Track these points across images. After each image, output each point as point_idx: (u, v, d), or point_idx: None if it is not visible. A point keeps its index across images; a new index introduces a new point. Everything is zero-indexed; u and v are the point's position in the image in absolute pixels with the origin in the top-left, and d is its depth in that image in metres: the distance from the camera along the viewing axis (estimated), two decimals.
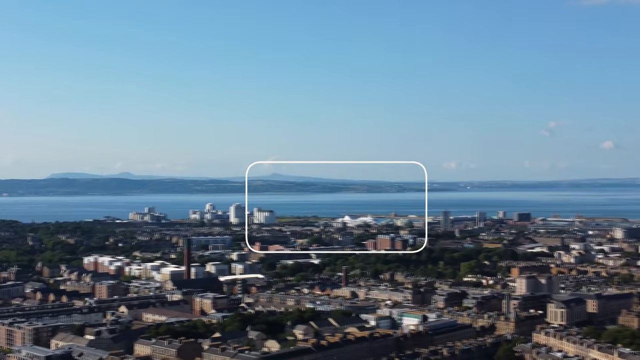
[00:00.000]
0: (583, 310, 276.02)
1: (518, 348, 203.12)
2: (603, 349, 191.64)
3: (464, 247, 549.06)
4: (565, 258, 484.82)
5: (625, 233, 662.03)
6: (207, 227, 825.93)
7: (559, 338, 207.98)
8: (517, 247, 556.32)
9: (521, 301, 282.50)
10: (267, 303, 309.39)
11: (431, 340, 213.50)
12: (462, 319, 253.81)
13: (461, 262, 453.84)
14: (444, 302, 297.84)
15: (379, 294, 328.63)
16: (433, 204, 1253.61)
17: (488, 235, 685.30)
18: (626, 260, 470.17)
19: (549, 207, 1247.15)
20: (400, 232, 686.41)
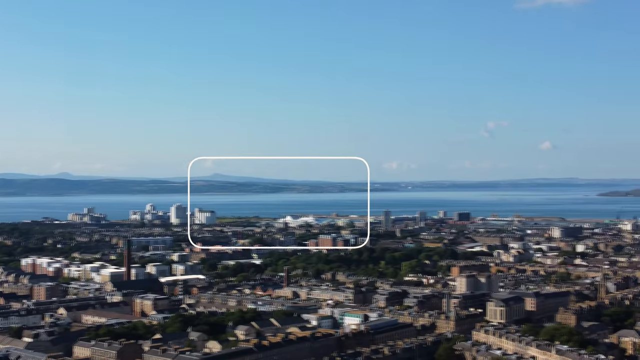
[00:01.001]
0: (522, 308, 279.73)
1: (458, 346, 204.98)
2: (541, 347, 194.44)
3: (405, 247, 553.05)
4: (505, 257, 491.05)
5: (562, 232, 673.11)
6: (147, 227, 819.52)
7: (498, 336, 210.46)
8: (457, 247, 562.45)
9: (461, 300, 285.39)
10: (208, 304, 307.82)
11: (372, 339, 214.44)
12: (403, 318, 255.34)
13: (402, 261, 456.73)
14: (385, 301, 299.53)
15: (321, 294, 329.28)
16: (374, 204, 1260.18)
17: (429, 234, 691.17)
18: (563, 259, 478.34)
19: (489, 207, 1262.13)
20: (341, 232, 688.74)
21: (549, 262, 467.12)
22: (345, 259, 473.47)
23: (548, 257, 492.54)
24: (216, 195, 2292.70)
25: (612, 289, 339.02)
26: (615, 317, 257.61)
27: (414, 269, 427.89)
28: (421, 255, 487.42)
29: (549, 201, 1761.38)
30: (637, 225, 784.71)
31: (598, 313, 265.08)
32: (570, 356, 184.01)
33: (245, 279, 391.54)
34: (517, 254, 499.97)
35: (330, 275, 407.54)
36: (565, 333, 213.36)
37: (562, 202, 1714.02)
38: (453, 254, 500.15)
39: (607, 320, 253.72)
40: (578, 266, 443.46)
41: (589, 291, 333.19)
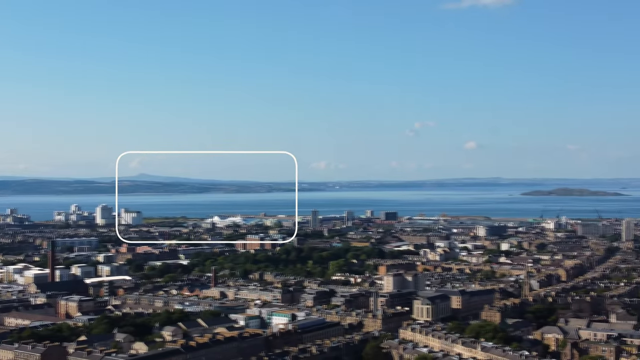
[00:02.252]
0: (448, 306, 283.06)
1: (385, 344, 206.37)
2: (467, 344, 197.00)
3: (333, 246, 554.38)
4: (431, 256, 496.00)
5: (487, 231, 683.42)
6: (72, 228, 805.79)
7: (425, 334, 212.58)
8: (384, 246, 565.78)
9: (388, 298, 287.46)
10: (134, 305, 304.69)
11: (300, 338, 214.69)
12: (331, 317, 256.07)
13: (330, 260, 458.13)
14: (312, 300, 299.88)
15: (249, 294, 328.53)
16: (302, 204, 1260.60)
17: (356, 234, 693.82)
18: (488, 257, 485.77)
19: (415, 206, 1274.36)
20: (269, 232, 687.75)
21: (474, 261, 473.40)
22: (273, 259, 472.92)
23: (473, 256, 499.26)
24: (142, 195, 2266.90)
25: (536, 287, 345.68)
26: (538, 314, 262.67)
27: (342, 268, 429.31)
28: (349, 254, 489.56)
29: (475, 200, 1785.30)
30: (559, 223, 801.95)
31: (522, 310, 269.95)
32: (495, 353, 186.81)
33: (172, 279, 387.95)
34: (443, 252, 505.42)
35: (258, 275, 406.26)
36: (490, 330, 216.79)
37: (487, 201, 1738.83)
38: (380, 253, 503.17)
39: (530, 317, 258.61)
40: (502, 264, 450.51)
41: (513, 289, 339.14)
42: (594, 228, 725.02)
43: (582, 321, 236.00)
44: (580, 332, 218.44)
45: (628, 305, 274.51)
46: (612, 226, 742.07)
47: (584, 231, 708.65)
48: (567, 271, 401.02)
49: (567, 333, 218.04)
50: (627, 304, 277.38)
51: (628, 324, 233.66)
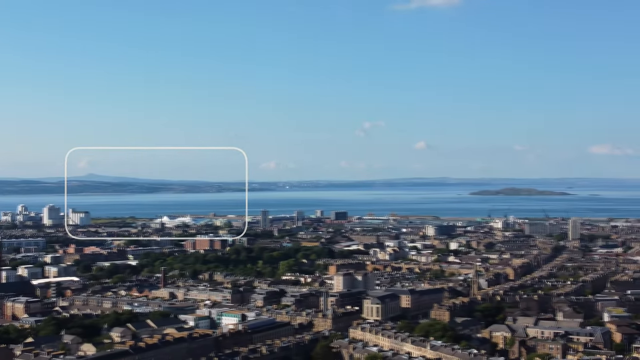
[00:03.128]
0: (397, 305, 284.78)
1: (335, 344, 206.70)
2: (416, 343, 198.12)
3: (283, 246, 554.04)
4: (381, 255, 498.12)
5: (436, 230, 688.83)
6: (19, 229, 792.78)
7: (375, 333, 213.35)
8: (334, 245, 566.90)
9: (338, 298, 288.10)
10: (83, 306, 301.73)
11: (250, 339, 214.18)
12: (281, 317, 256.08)
13: (280, 260, 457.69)
14: (263, 300, 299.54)
15: (198, 294, 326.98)
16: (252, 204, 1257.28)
17: (306, 234, 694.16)
18: (437, 256, 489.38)
19: (365, 206, 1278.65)
20: (219, 232, 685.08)
21: (423, 260, 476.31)
22: (223, 259, 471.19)
23: (423, 255, 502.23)
24: (91, 195, 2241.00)
25: (484, 285, 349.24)
26: (487, 313, 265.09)
27: (292, 268, 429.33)
28: (299, 254, 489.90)
29: (424, 200, 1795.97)
30: (507, 223, 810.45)
31: (471, 309, 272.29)
32: (444, 351, 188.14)
33: (121, 280, 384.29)
34: (392, 252, 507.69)
35: (207, 276, 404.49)
36: (439, 329, 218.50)
37: (436, 201, 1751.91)
38: (330, 253, 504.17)
39: (479, 315, 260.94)
40: (451, 263, 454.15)
41: (462, 288, 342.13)
42: (541, 227, 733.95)
43: (530, 319, 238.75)
44: (528, 330, 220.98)
45: (574, 304, 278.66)
46: (558, 225, 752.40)
47: (531, 230, 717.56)
48: (514, 270, 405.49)
49: (515, 331, 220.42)
50: (574, 302, 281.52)
51: (574, 322, 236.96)
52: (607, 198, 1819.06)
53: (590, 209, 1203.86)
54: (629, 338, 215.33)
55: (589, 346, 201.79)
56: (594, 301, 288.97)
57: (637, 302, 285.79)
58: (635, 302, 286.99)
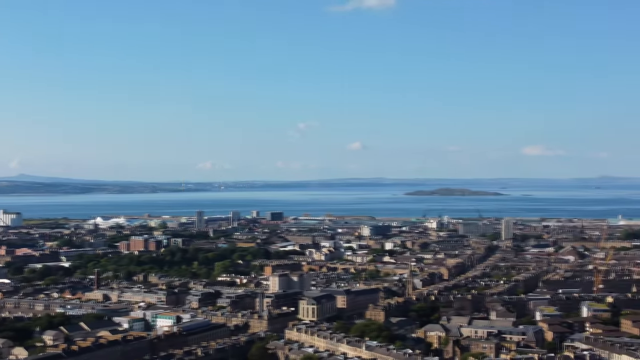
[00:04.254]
0: (333, 305, 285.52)
1: (271, 345, 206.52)
2: (352, 343, 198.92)
3: (218, 247, 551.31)
4: (316, 255, 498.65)
5: (371, 230, 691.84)
6: None
7: (310, 334, 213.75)
8: (270, 246, 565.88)
9: (274, 299, 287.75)
10: (14, 309, 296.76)
11: (185, 340, 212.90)
12: (217, 318, 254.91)
13: (215, 261, 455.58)
14: (198, 302, 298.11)
15: (132, 296, 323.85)
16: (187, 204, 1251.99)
17: (242, 234, 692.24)
18: (373, 256, 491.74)
19: (301, 207, 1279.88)
20: (154, 233, 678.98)
21: (359, 260, 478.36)
22: (158, 260, 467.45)
23: (358, 255, 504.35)
24: (22, 196, 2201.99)
25: (419, 285, 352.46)
26: (421, 313, 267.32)
27: (227, 269, 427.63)
28: (234, 255, 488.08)
29: (359, 200, 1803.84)
30: (441, 223, 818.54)
31: (406, 309, 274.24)
32: (380, 351, 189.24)
33: (54, 282, 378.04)
34: (328, 252, 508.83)
35: (142, 277, 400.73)
36: (374, 329, 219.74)
37: (371, 201, 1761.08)
38: (266, 254, 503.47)
39: (414, 315, 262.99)
40: (387, 263, 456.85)
41: (397, 288, 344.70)
42: (475, 227, 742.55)
43: (464, 319, 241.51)
44: (462, 329, 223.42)
45: (507, 303, 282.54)
46: (492, 225, 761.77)
47: (465, 230, 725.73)
48: (449, 270, 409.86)
49: (449, 331, 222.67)
50: (507, 302, 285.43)
51: (507, 321, 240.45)
52: (539, 198, 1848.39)
53: (522, 209, 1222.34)
54: (560, 336, 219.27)
55: (521, 345, 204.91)
56: (526, 300, 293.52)
57: (568, 301, 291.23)
58: (567, 301, 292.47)
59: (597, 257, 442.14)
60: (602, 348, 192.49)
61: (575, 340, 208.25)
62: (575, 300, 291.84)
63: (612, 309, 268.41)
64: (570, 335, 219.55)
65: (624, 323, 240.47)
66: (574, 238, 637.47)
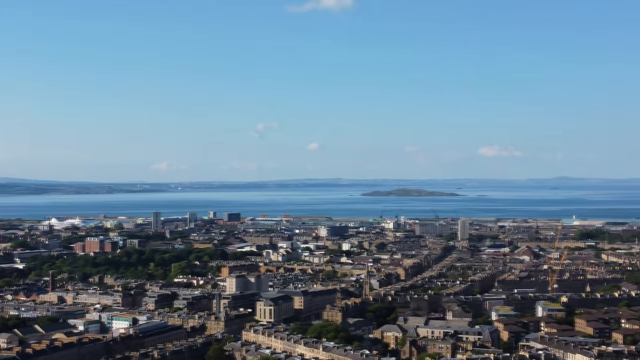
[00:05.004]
0: (290, 307, 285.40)
1: (228, 347, 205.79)
2: (309, 344, 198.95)
3: (175, 248, 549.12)
4: (274, 256, 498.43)
5: (329, 231, 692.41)
6: None
7: (267, 335, 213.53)
8: (227, 247, 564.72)
9: (231, 300, 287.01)
10: None
11: (141, 343, 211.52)
12: (173, 320, 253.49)
13: (172, 263, 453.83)
14: (154, 304, 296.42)
15: (88, 298, 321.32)
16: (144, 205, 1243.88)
17: (198, 235, 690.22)
18: (330, 257, 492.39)
19: (258, 207, 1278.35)
20: (110, 234, 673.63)
21: (316, 261, 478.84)
22: (114, 262, 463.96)
23: (315, 256, 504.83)
24: None
25: (376, 286, 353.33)
26: (378, 313, 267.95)
27: (184, 270, 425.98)
28: (191, 256, 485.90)
29: (316, 201, 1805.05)
30: (398, 223, 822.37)
31: (363, 309, 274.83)
32: (337, 352, 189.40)
33: (7, 284, 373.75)
34: (285, 253, 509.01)
35: (97, 279, 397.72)
36: (331, 330, 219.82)
37: (328, 201, 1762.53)
38: (223, 255, 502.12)
39: (371, 316, 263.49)
40: (344, 264, 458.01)
41: (354, 288, 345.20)
42: (431, 228, 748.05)
43: (420, 319, 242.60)
44: (419, 330, 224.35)
45: (463, 303, 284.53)
46: (448, 226, 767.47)
47: (421, 231, 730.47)
48: (406, 270, 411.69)
49: (406, 331, 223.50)
50: (463, 302, 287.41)
51: (463, 321, 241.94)
52: (495, 199, 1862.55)
53: (478, 210, 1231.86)
54: (516, 336, 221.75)
55: (477, 345, 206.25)
56: (482, 300, 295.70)
57: (523, 301, 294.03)
58: (522, 300, 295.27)
59: (551, 257, 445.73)
60: (557, 347, 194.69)
61: (530, 339, 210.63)
62: (531, 300, 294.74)
63: (567, 308, 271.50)
64: (526, 334, 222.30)
65: (578, 322, 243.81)
66: (529, 238, 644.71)
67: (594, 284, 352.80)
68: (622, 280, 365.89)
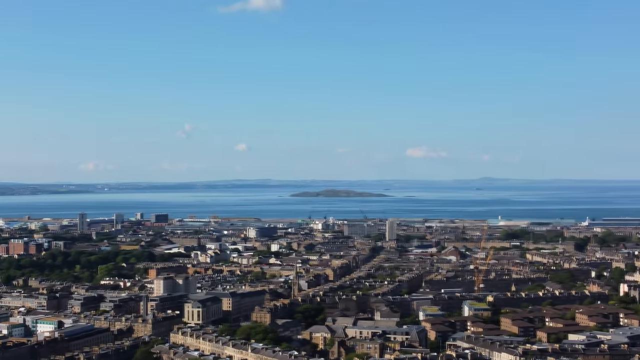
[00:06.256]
0: (219, 308, 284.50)
1: (156, 349, 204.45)
2: (237, 346, 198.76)
3: (101, 250, 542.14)
4: (202, 258, 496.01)
5: (257, 232, 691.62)
6: None
7: (195, 337, 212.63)
8: (154, 249, 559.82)
9: (158, 302, 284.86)
10: None
11: (67, 346, 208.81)
12: (100, 323, 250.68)
13: (98, 265, 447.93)
14: (80, 306, 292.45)
15: (12, 301, 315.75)
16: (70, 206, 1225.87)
17: (126, 237, 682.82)
18: (259, 258, 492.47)
19: (186, 208, 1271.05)
20: (34, 236, 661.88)
21: (245, 262, 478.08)
22: (38, 264, 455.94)
23: (244, 257, 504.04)
24: None
25: (305, 287, 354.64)
26: (307, 314, 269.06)
27: (111, 272, 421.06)
28: (118, 258, 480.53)
29: (245, 202, 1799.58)
30: (327, 224, 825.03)
31: (291, 310, 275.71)
32: (265, 354, 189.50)
33: None
34: (214, 254, 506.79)
35: (22, 281, 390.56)
36: (260, 331, 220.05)
37: (257, 202, 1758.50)
38: (150, 256, 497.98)
39: (300, 317, 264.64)
40: (272, 265, 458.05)
41: (282, 289, 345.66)
42: (360, 228, 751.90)
43: (349, 319, 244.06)
44: (347, 330, 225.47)
45: (391, 303, 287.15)
46: (376, 226, 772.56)
47: (350, 231, 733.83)
48: (334, 271, 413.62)
49: (335, 332, 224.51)
50: (391, 302, 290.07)
51: (391, 321, 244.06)
52: (422, 199, 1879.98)
53: (406, 210, 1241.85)
54: (443, 335, 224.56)
55: (405, 345, 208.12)
56: (410, 300, 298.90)
57: (450, 301, 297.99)
58: (449, 300, 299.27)
59: (478, 257, 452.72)
60: (483, 346, 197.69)
61: (457, 339, 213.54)
62: (457, 300, 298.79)
63: (492, 307, 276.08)
64: (453, 334, 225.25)
65: (503, 321, 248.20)
66: (456, 238, 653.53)
67: (519, 284, 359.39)
68: (546, 279, 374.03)
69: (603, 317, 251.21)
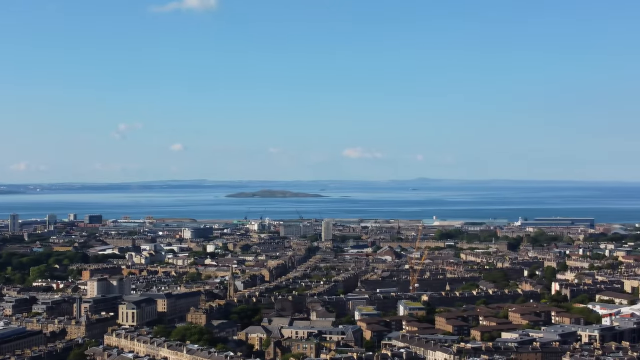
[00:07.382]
0: (154, 310, 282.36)
1: (90, 351, 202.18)
2: (172, 347, 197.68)
3: (34, 251, 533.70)
4: (136, 259, 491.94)
5: (193, 233, 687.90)
6: None
7: (130, 339, 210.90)
8: (88, 250, 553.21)
9: (92, 304, 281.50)
10: None
11: None
12: (32, 325, 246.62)
13: (30, 266, 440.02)
14: (12, 309, 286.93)
15: None
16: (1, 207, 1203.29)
17: (59, 238, 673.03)
18: (194, 259, 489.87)
19: (120, 209, 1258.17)
20: None
21: (180, 263, 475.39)
22: None
23: (179, 258, 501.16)
24: None
25: (241, 287, 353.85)
26: (243, 315, 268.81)
27: (43, 274, 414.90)
28: (51, 259, 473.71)
29: (180, 202, 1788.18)
30: (263, 225, 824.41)
31: (227, 311, 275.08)
32: (201, 355, 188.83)
33: None
34: (148, 255, 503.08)
35: None
36: (195, 332, 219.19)
37: (192, 203, 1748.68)
38: (84, 258, 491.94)
39: (235, 317, 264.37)
40: (208, 266, 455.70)
41: (218, 290, 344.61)
42: (296, 229, 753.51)
43: (285, 320, 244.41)
44: (283, 330, 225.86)
45: (327, 303, 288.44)
46: (312, 226, 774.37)
47: (286, 232, 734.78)
48: (270, 271, 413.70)
49: (271, 332, 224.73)
50: (327, 302, 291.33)
51: (327, 321, 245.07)
52: (358, 200, 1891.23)
53: (342, 210, 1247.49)
54: (379, 335, 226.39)
55: (341, 344, 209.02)
56: (345, 300, 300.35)
57: (385, 300, 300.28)
58: (384, 300, 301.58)
59: (413, 257, 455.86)
60: (418, 345, 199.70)
61: (392, 338, 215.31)
62: (393, 299, 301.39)
63: (427, 307, 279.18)
64: (388, 333, 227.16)
65: (438, 320, 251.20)
66: (391, 238, 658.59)
67: (453, 283, 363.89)
68: (479, 279, 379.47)
69: (535, 315, 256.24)
